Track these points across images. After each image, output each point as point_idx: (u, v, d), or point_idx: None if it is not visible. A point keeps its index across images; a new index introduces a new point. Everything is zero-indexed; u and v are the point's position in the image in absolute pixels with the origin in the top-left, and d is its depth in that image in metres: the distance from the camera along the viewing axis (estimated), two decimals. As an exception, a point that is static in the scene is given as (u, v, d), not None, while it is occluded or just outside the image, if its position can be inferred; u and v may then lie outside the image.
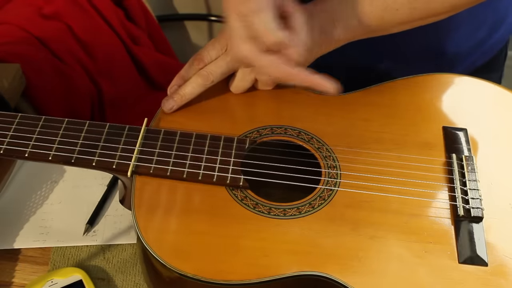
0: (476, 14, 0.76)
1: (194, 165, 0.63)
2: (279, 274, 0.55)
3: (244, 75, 0.68)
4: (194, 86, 0.68)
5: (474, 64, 0.84)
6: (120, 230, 0.73)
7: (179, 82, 0.69)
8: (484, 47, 0.83)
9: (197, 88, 0.68)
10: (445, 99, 0.72)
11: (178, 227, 0.58)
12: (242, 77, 0.69)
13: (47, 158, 0.63)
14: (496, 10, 0.79)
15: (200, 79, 0.67)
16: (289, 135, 0.67)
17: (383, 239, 0.58)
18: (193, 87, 0.68)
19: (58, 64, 1.06)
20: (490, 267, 0.57)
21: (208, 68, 0.67)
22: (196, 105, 0.69)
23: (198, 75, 0.67)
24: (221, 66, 0.67)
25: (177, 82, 0.69)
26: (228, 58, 0.67)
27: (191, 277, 0.55)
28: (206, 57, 0.68)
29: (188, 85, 0.68)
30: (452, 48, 0.79)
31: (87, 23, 1.15)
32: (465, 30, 0.78)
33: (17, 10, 1.12)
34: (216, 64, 0.67)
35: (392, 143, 0.66)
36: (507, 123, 0.69)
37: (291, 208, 0.60)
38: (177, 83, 0.69)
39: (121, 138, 0.64)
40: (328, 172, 0.63)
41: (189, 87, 0.68)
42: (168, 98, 0.68)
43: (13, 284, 0.68)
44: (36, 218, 0.74)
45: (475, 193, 0.62)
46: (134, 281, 0.68)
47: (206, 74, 0.67)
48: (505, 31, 0.84)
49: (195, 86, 0.67)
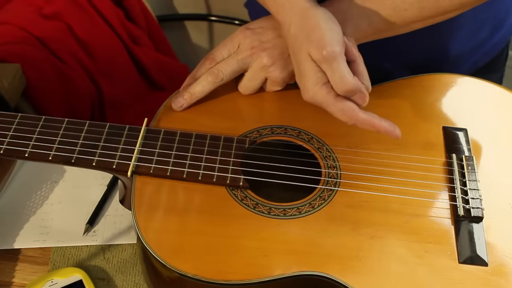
0: (478, 14, 0.76)
1: (194, 165, 0.63)
2: (279, 274, 0.55)
3: (254, 74, 0.68)
4: (204, 84, 0.68)
5: (475, 65, 0.84)
6: (120, 230, 0.73)
7: (190, 81, 0.69)
8: (485, 48, 0.83)
9: (207, 86, 0.68)
10: (445, 99, 0.72)
11: (178, 227, 0.58)
12: (252, 76, 0.69)
13: (47, 158, 0.63)
14: (497, 10, 0.79)
15: (210, 77, 0.67)
16: (289, 135, 0.67)
17: (383, 239, 0.58)
18: (203, 85, 0.68)
19: (58, 64, 1.06)
20: (490, 267, 0.57)
21: (218, 66, 0.68)
22: (196, 105, 0.69)
23: (208, 73, 0.68)
24: (232, 65, 0.67)
25: (188, 82, 0.69)
26: (239, 56, 0.67)
27: (191, 277, 0.55)
28: (218, 56, 0.68)
29: (198, 83, 0.68)
30: (455, 49, 0.79)
31: (87, 23, 1.15)
32: (467, 30, 0.78)
33: (17, 10, 1.12)
34: (227, 63, 0.68)
35: (392, 143, 0.66)
36: (507, 123, 0.69)
37: (291, 208, 0.60)
38: (189, 83, 0.69)
39: (121, 138, 0.64)
40: (328, 172, 0.63)
41: (199, 85, 0.68)
42: (178, 95, 0.68)
43: (13, 284, 0.68)
44: (36, 218, 0.74)
45: (475, 193, 0.62)
46: (134, 281, 0.68)
47: (216, 72, 0.67)
48: (506, 32, 0.84)
49: (205, 84, 0.68)
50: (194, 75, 0.69)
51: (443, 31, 0.77)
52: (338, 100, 0.59)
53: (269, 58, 0.67)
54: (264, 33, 0.68)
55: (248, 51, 0.67)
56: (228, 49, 0.68)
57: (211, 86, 0.68)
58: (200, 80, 0.68)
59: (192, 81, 0.69)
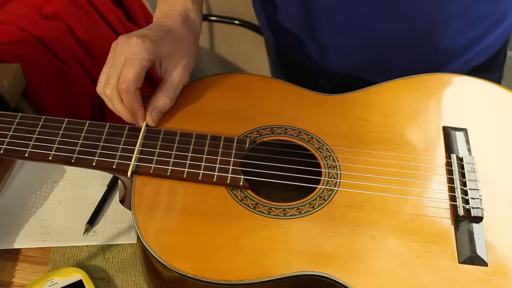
0: (469, 12, 0.76)
1: (194, 165, 0.63)
2: (279, 274, 0.55)
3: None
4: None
5: (470, 63, 0.84)
6: (120, 230, 0.73)
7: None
8: (479, 47, 0.83)
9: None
10: (445, 99, 0.72)
11: (178, 227, 0.58)
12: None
13: (47, 158, 0.63)
14: (492, 10, 0.79)
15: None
16: (289, 135, 0.67)
17: (383, 239, 0.58)
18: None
19: (58, 64, 1.06)
20: (490, 267, 0.57)
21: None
22: (196, 105, 0.69)
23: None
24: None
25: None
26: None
27: (191, 277, 0.55)
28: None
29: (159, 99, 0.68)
30: (446, 42, 0.79)
31: (87, 23, 1.15)
32: (457, 26, 0.78)
33: (17, 10, 1.12)
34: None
35: (392, 143, 0.66)
36: (507, 123, 0.69)
37: (291, 208, 0.60)
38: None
39: (121, 138, 0.64)
40: (328, 172, 0.64)
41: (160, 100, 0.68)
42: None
43: (13, 284, 0.68)
44: (36, 218, 0.74)
45: (475, 193, 0.62)
46: (134, 281, 0.68)
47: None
48: (502, 32, 0.84)
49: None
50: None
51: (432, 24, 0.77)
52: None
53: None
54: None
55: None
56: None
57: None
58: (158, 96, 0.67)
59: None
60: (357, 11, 0.75)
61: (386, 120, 0.68)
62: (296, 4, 0.80)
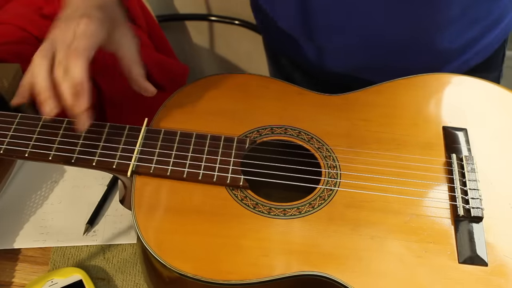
0: (467, 13, 0.76)
1: (194, 165, 0.63)
2: (279, 274, 0.55)
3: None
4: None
5: (467, 64, 0.84)
6: (120, 230, 0.73)
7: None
8: (477, 47, 0.83)
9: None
10: (445, 99, 0.72)
11: (178, 227, 0.58)
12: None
13: (47, 158, 0.63)
14: (489, 11, 0.79)
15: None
16: (289, 135, 0.67)
17: (383, 239, 0.58)
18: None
19: (58, 64, 1.06)
20: (490, 267, 0.57)
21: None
22: (196, 105, 0.69)
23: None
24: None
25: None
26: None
27: (191, 277, 0.55)
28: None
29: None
30: (444, 43, 0.79)
31: (87, 23, 1.15)
32: (456, 27, 0.78)
33: (17, 10, 1.12)
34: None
35: (392, 143, 0.66)
36: (507, 123, 0.69)
37: (291, 208, 0.60)
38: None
39: (121, 138, 0.64)
40: (328, 172, 0.64)
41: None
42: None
43: (13, 284, 0.68)
44: (36, 218, 0.74)
45: (475, 193, 0.62)
46: (134, 281, 0.68)
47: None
48: (500, 32, 0.84)
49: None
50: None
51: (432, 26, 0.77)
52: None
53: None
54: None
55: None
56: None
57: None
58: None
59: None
60: (355, 10, 0.75)
61: (386, 120, 0.68)
62: (293, 5, 0.80)
